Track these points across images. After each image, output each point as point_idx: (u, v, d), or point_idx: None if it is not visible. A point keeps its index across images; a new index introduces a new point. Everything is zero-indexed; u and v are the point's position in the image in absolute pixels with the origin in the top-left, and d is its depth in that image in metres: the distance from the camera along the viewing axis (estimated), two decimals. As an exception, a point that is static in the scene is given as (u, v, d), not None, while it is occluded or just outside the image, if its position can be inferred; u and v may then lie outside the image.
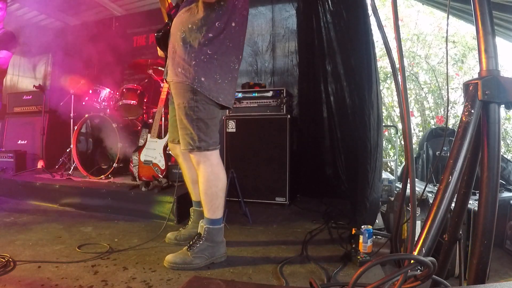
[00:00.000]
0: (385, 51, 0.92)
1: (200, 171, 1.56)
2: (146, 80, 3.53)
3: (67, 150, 3.39)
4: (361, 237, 1.61)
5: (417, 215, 1.28)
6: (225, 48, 1.47)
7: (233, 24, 1.48)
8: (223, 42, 1.46)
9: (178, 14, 1.54)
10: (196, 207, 1.86)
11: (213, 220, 1.58)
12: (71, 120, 3.45)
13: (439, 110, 4.82)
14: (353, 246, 1.68)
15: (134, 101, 3.15)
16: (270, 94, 2.91)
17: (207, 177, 1.54)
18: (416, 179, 2.45)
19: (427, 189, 2.25)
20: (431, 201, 0.78)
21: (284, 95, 2.86)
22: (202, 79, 1.44)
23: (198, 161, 1.55)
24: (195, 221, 1.84)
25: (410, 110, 4.82)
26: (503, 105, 0.78)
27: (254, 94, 2.95)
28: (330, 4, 2.90)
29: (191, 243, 1.58)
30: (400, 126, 3.68)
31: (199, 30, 1.43)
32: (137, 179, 2.76)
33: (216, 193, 1.56)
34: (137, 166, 2.76)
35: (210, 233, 1.57)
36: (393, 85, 5.04)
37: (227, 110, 2.65)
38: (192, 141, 1.50)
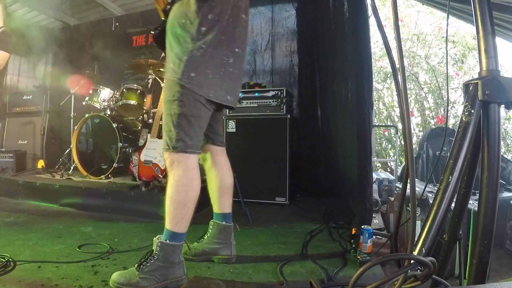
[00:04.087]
0: (385, 51, 0.92)
1: (172, 172, 1.38)
2: (146, 80, 3.53)
3: (67, 150, 3.39)
4: (361, 237, 1.61)
5: (417, 215, 1.29)
6: (217, 41, 1.38)
7: (227, 17, 1.41)
8: (216, 35, 1.38)
9: (172, 9, 1.47)
10: (217, 220, 1.64)
11: (174, 234, 1.35)
12: (71, 120, 3.45)
13: (439, 110, 4.83)
14: (353, 246, 1.68)
15: (134, 101, 3.15)
16: (270, 94, 2.91)
17: (178, 180, 1.36)
18: (416, 179, 2.45)
19: (427, 189, 2.25)
20: (431, 201, 0.78)
21: (284, 95, 2.86)
22: (192, 74, 1.35)
23: (172, 161, 1.37)
24: (212, 236, 1.63)
25: (410, 110, 4.82)
26: (503, 105, 0.78)
27: (256, 94, 2.95)
28: (330, 4, 2.90)
29: (140, 260, 1.37)
30: (400, 126, 3.68)
31: (192, 24, 1.36)
32: (137, 179, 2.76)
33: (184, 201, 1.35)
34: (137, 166, 2.76)
35: (164, 250, 1.33)
36: (393, 85, 5.04)
37: (227, 110, 2.59)
38: (169, 140, 1.37)
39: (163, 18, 1.55)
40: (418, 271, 0.65)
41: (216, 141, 1.64)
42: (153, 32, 1.59)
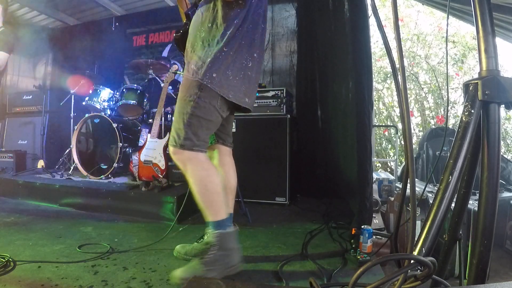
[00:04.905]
0: (385, 51, 0.92)
1: (189, 171, 1.42)
2: (146, 80, 3.54)
3: (67, 150, 3.39)
4: (361, 237, 1.61)
5: (417, 215, 1.28)
6: (238, 45, 1.44)
7: (248, 22, 1.47)
8: (238, 39, 1.44)
9: (196, 13, 1.51)
10: None
11: (220, 222, 1.41)
12: (71, 120, 3.45)
13: (439, 110, 4.83)
14: (353, 246, 1.68)
15: (134, 101, 3.15)
16: (270, 94, 2.91)
17: (199, 175, 1.41)
18: (416, 179, 2.45)
19: (427, 189, 2.25)
20: (431, 201, 0.78)
21: (284, 95, 2.86)
22: (214, 75, 1.40)
23: (184, 160, 1.41)
24: None
25: (410, 110, 4.82)
26: (503, 105, 0.78)
27: (256, 94, 2.94)
28: (330, 4, 2.90)
29: (202, 254, 1.42)
30: (400, 126, 3.68)
31: (218, 29, 1.43)
32: (137, 179, 2.76)
33: (214, 189, 1.41)
34: (137, 166, 2.76)
35: (222, 238, 1.39)
36: (393, 85, 5.04)
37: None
38: (177, 137, 1.40)
39: (184, 21, 1.60)
40: (418, 271, 0.65)
41: (226, 141, 1.68)
42: (175, 35, 1.64)
